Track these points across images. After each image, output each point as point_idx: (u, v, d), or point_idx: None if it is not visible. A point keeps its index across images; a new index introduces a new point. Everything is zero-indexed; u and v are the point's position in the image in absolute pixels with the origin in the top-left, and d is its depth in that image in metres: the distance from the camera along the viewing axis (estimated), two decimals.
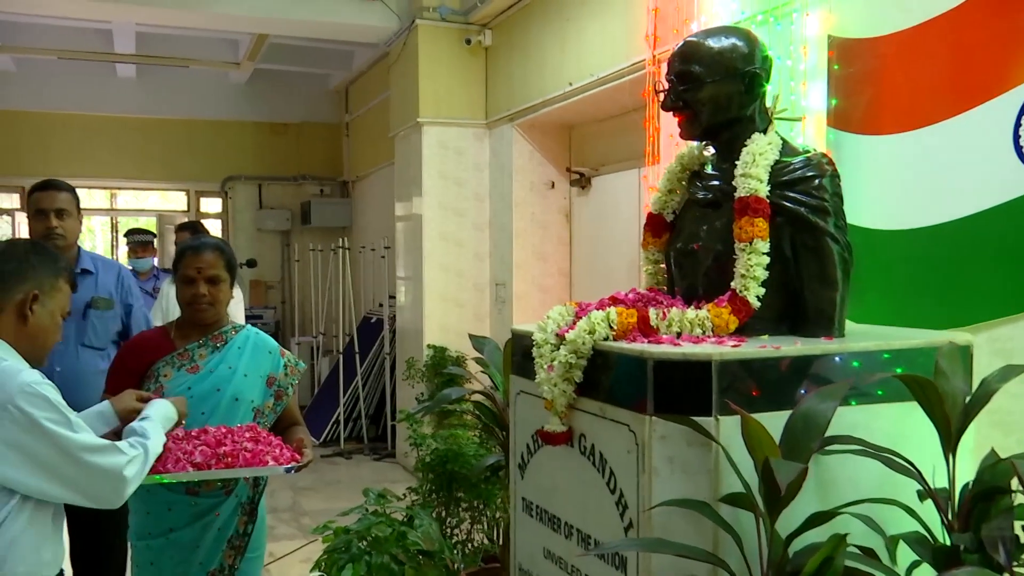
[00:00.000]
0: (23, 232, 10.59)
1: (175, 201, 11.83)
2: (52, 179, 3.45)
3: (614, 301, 2.18)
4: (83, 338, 3.33)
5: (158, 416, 2.30)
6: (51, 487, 1.96)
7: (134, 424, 2.23)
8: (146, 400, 2.40)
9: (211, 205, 11.33)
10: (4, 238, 10.22)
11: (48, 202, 3.33)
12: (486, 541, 3.92)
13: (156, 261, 6.86)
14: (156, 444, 2.20)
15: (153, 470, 2.42)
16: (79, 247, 3.51)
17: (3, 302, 2.06)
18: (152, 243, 6.81)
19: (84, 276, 3.39)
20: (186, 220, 8.82)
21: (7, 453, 1.91)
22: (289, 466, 2.48)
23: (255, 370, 2.81)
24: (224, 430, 2.61)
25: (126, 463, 2.03)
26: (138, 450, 2.10)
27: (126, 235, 6.91)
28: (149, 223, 11.39)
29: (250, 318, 8.33)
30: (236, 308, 5.40)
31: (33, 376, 1.98)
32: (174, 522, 2.67)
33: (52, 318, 2.14)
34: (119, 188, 10.97)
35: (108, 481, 2.01)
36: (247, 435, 2.60)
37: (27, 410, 1.91)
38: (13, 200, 10.78)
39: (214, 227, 10.96)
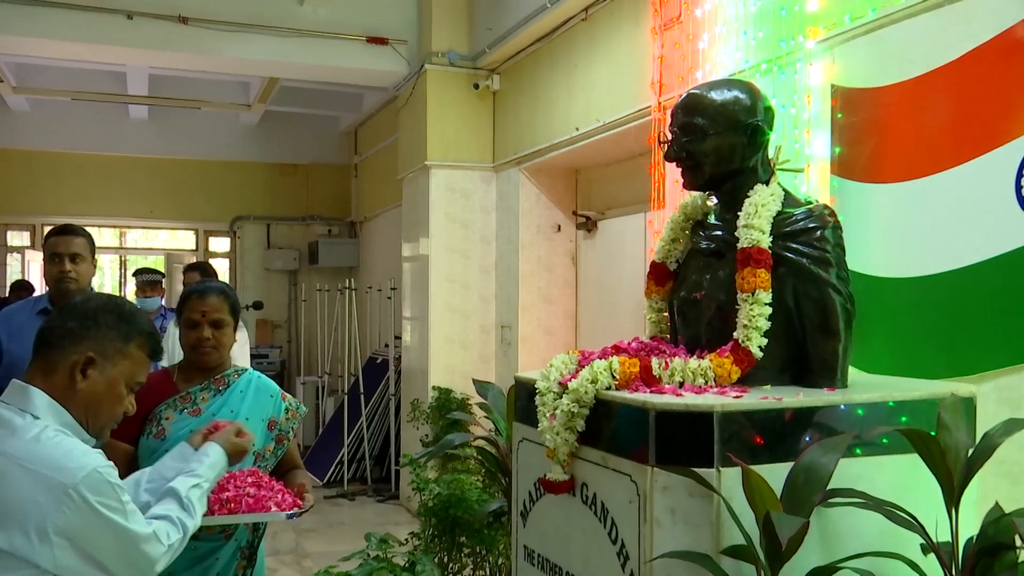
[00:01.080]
0: (33, 271, 10.66)
1: (184, 240, 11.91)
2: (69, 224, 3.54)
3: (617, 350, 2.18)
4: None
5: (210, 476, 2.20)
6: (90, 570, 1.80)
7: (180, 487, 2.07)
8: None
9: (220, 244, 11.40)
10: (15, 277, 10.30)
11: (63, 246, 3.41)
12: None
13: (164, 300, 6.89)
14: (197, 521, 2.06)
15: None
16: (91, 288, 3.57)
17: (56, 361, 1.87)
18: (160, 282, 6.83)
19: None
20: (195, 260, 8.88)
21: (61, 542, 1.73)
22: (291, 512, 2.47)
23: (256, 414, 2.81)
24: (226, 475, 2.61)
25: (161, 555, 1.91)
26: (178, 534, 1.97)
27: (135, 274, 6.94)
28: (157, 262, 11.47)
29: (256, 357, 8.35)
30: (241, 350, 5.42)
31: (97, 460, 1.80)
32: (173, 567, 2.62)
33: (111, 387, 1.92)
34: (129, 227, 11.06)
35: (140, 568, 1.88)
36: (249, 480, 2.59)
37: (89, 498, 1.75)
38: (23, 238, 10.87)
39: (222, 266, 11.02)
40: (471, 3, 6.85)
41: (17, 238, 10.82)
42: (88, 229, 3.56)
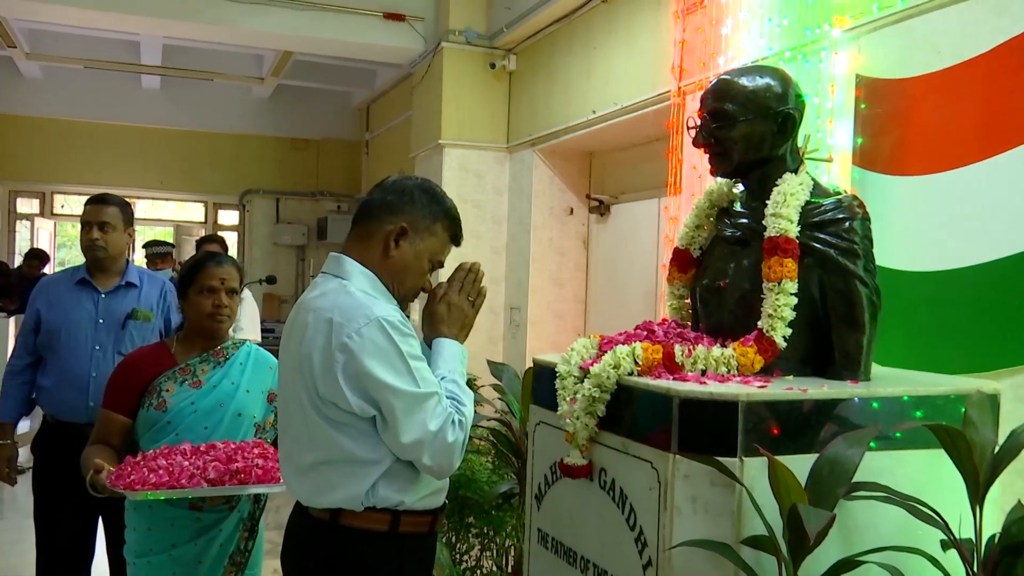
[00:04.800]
0: (42, 238, 10.66)
1: (193, 212, 11.91)
2: (104, 194, 3.56)
3: (649, 332, 2.17)
4: (120, 346, 3.38)
5: (455, 370, 2.10)
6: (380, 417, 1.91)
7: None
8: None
9: (229, 217, 11.40)
10: (24, 244, 10.30)
11: (92, 215, 3.45)
12: (495, 568, 3.89)
13: (174, 272, 6.89)
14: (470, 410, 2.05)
15: (166, 485, 2.43)
16: (128, 261, 3.59)
17: (374, 229, 2.04)
18: (171, 254, 6.85)
19: (128, 289, 3.49)
20: (204, 233, 8.87)
21: (352, 385, 1.88)
22: None
23: (257, 386, 2.82)
24: (233, 446, 2.62)
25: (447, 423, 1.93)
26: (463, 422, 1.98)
27: (145, 246, 6.95)
28: (166, 233, 11.47)
29: (262, 331, 8.35)
30: (251, 321, 5.43)
31: (387, 311, 1.93)
32: (177, 538, 2.66)
33: (417, 258, 2.06)
34: (139, 197, 11.05)
35: (422, 423, 1.91)
36: (256, 451, 2.60)
37: (373, 341, 1.88)
38: (33, 206, 10.87)
39: (231, 239, 11.01)
40: None
41: (27, 205, 10.82)
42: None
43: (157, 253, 6.63)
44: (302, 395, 1.96)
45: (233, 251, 10.50)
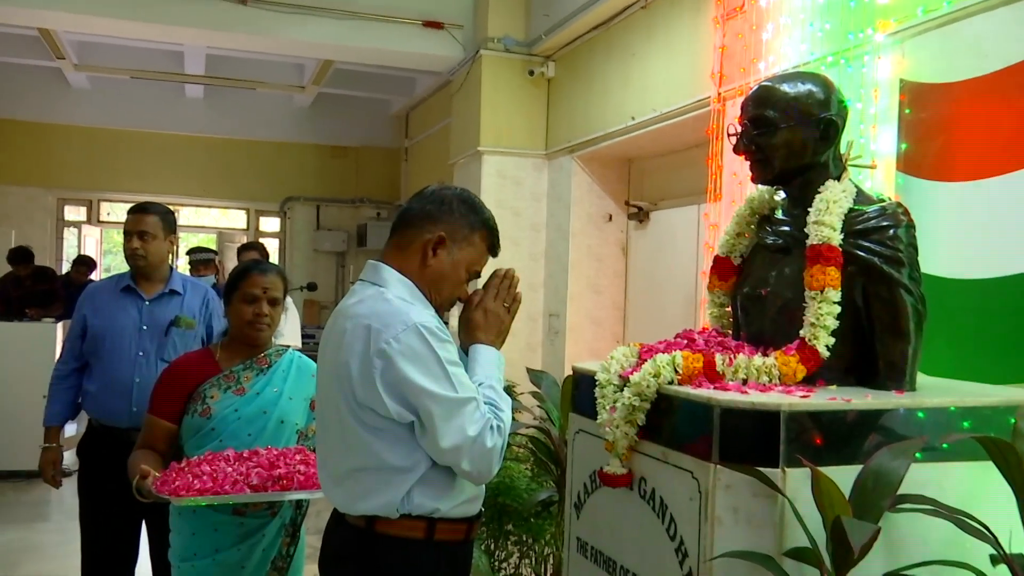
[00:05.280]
0: (88, 245, 10.86)
1: (235, 219, 12.06)
2: (145, 203, 3.61)
3: (689, 341, 2.16)
4: (163, 353, 3.43)
5: (493, 376, 2.10)
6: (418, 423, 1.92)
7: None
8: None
9: (270, 224, 11.53)
10: (72, 251, 10.51)
11: (132, 224, 3.51)
12: None
13: (217, 279, 6.98)
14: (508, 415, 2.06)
15: (210, 491, 2.46)
16: (172, 268, 3.65)
17: (413, 238, 2.06)
18: (213, 261, 6.94)
19: (172, 296, 3.54)
20: (246, 240, 8.98)
21: (389, 391, 1.89)
22: None
23: (299, 393, 2.84)
24: (275, 452, 2.64)
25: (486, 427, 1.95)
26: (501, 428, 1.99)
27: (188, 253, 7.05)
28: (209, 240, 11.63)
29: (303, 337, 8.43)
30: (292, 328, 5.48)
31: (424, 317, 1.95)
32: (220, 543, 2.69)
33: (455, 268, 2.08)
34: (182, 204, 11.22)
35: (463, 428, 1.92)
36: (298, 458, 2.62)
37: (410, 347, 1.89)
38: (80, 213, 11.08)
39: (272, 246, 11.14)
40: None
41: (74, 213, 11.03)
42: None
43: (200, 260, 6.72)
44: (339, 402, 1.97)
45: (274, 258, 10.61)
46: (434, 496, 1.98)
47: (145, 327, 3.45)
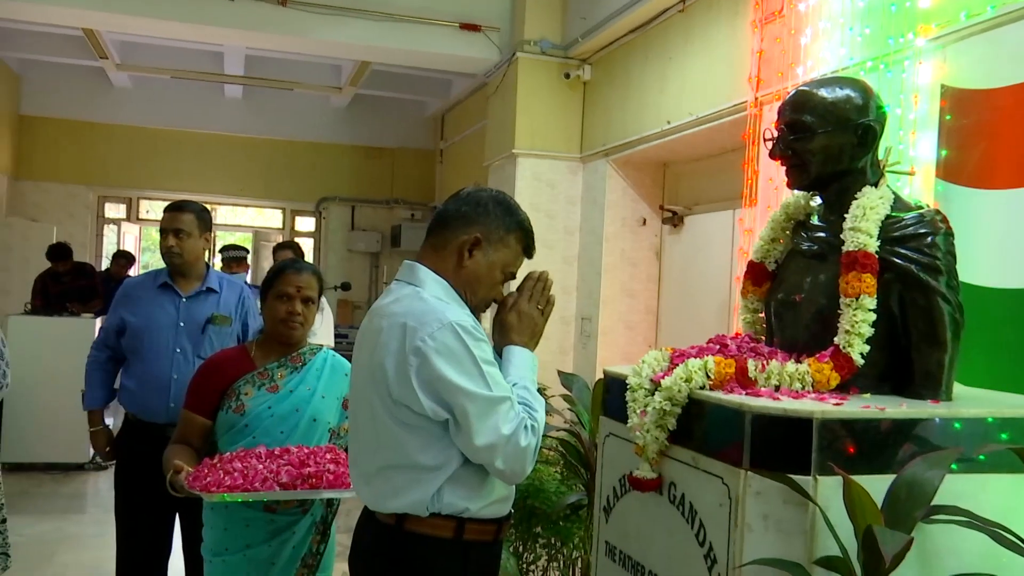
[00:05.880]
0: (128, 242, 11.02)
1: (271, 219, 12.17)
2: (181, 201, 3.66)
3: (722, 346, 2.14)
4: (199, 350, 3.48)
5: (527, 376, 2.10)
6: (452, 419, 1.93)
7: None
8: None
9: (305, 224, 11.62)
10: (111, 247, 10.66)
11: (167, 222, 3.55)
12: None
13: (249, 277, 7.05)
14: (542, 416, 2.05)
15: (241, 487, 2.48)
16: (208, 266, 3.69)
17: (449, 239, 2.08)
18: (245, 259, 7.01)
19: (208, 294, 3.59)
20: (282, 240, 9.06)
21: (425, 387, 1.90)
22: None
23: (332, 392, 2.86)
24: (306, 451, 2.66)
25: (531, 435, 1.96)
26: (535, 428, 1.99)
27: (221, 251, 7.13)
28: (245, 239, 11.75)
29: (336, 337, 8.49)
30: (326, 328, 5.51)
31: (459, 316, 1.97)
32: (251, 539, 2.71)
33: (490, 269, 2.09)
34: (220, 203, 11.35)
35: (496, 427, 1.92)
36: (328, 456, 2.64)
37: (448, 340, 1.91)
38: (120, 211, 11.24)
39: (307, 245, 11.23)
40: None
41: (114, 210, 11.20)
42: None
43: (232, 257, 6.79)
44: (373, 399, 1.99)
45: (309, 257, 10.70)
46: (464, 496, 1.98)
47: (182, 324, 3.49)
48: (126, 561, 3.48)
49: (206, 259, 3.71)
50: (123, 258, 9.17)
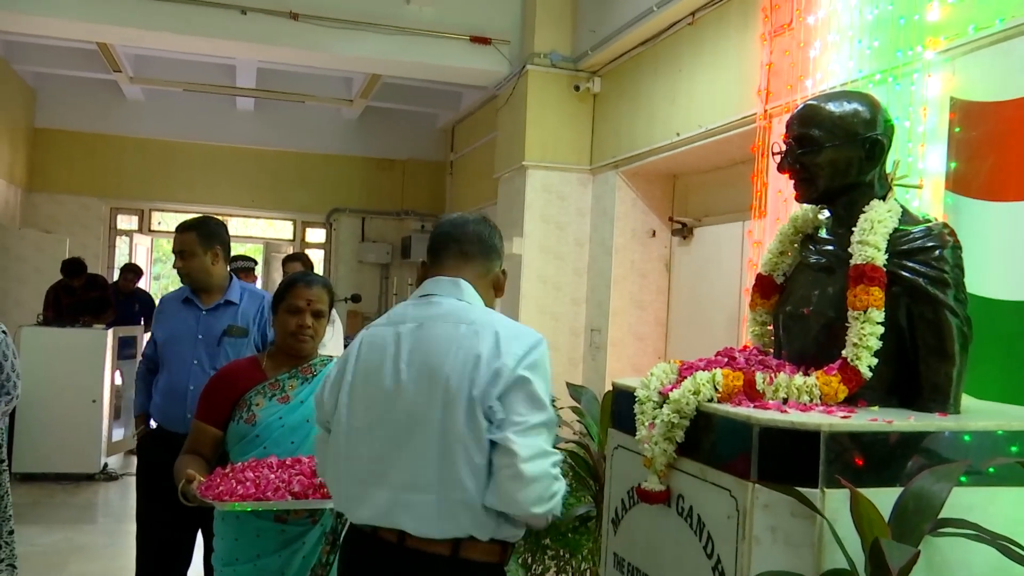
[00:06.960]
0: (139, 254, 11.08)
1: (282, 230, 12.22)
2: (185, 221, 3.75)
3: (730, 358, 2.15)
4: (216, 362, 3.53)
5: None
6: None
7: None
8: None
9: (316, 235, 11.67)
10: (123, 259, 10.72)
11: (174, 244, 3.69)
12: None
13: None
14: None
15: (252, 497, 2.50)
16: (231, 277, 3.76)
17: (487, 270, 2.18)
18: (253, 270, 7.04)
19: (227, 306, 3.67)
20: (292, 251, 9.08)
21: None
22: None
23: None
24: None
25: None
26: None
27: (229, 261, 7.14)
28: (256, 250, 11.80)
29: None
30: (335, 340, 5.53)
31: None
32: (262, 549, 2.72)
33: (492, 303, 2.22)
34: (231, 215, 11.40)
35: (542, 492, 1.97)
36: None
37: (542, 357, 1.99)
38: (132, 222, 11.30)
39: (317, 257, 11.27)
40: (575, 5, 6.85)
41: (126, 222, 11.26)
42: (190, 216, 3.76)
43: (239, 268, 6.81)
44: (434, 413, 1.95)
45: (319, 268, 10.73)
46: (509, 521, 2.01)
47: (200, 336, 3.57)
48: (145, 569, 3.54)
49: (224, 270, 3.74)
50: (131, 272, 9.19)
